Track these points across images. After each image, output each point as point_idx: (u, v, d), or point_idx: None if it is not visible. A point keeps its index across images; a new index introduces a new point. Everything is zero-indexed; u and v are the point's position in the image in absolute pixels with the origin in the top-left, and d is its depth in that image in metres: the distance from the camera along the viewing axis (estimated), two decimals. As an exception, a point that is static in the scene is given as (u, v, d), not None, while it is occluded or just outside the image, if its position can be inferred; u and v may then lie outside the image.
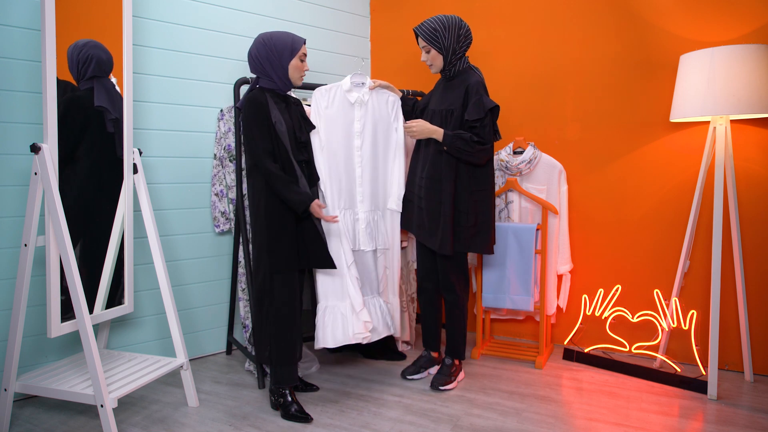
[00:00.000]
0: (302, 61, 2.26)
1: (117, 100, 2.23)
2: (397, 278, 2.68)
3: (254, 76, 2.27)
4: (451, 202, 2.34)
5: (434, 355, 2.64)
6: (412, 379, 2.57)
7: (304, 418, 2.14)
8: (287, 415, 2.16)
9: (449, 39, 2.31)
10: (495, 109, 2.30)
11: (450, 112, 2.35)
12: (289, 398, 2.19)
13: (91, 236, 2.20)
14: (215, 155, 2.84)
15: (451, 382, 2.46)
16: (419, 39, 2.40)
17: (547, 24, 3.01)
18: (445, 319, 2.57)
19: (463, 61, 2.39)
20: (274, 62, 2.19)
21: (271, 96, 2.21)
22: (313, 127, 2.42)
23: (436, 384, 2.44)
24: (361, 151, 2.58)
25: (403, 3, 3.52)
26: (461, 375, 2.56)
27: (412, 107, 2.67)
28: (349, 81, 2.57)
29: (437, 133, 2.33)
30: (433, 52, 2.36)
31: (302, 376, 2.57)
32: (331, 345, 2.39)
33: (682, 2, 2.63)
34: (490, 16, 3.18)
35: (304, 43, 2.26)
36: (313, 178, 2.39)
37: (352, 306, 2.40)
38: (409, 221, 2.57)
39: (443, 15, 2.34)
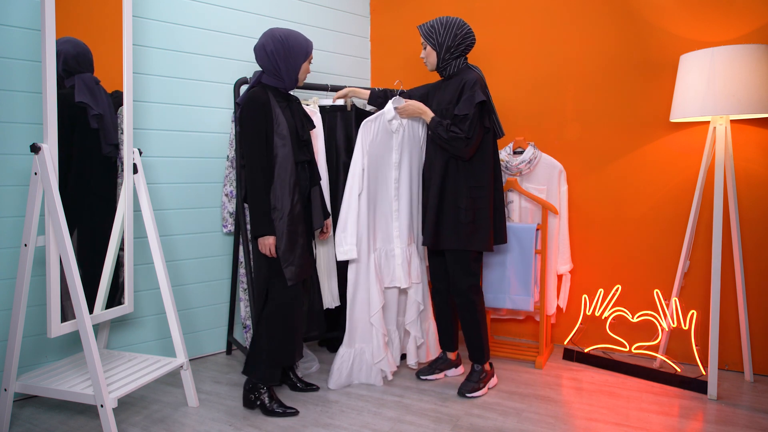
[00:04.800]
0: (309, 64, 2.27)
1: (100, 95, 2.17)
2: (430, 309, 2.68)
3: (257, 70, 2.23)
4: (437, 196, 2.33)
5: (451, 356, 2.63)
6: (426, 380, 2.56)
7: (292, 412, 2.17)
8: (272, 414, 2.18)
9: (444, 36, 2.31)
10: (483, 104, 2.26)
11: (446, 110, 2.34)
12: (268, 397, 2.20)
13: (84, 235, 2.19)
14: (228, 156, 2.84)
15: (479, 388, 2.38)
16: (421, 36, 2.40)
17: (546, 24, 3.01)
18: (460, 324, 2.50)
19: (460, 61, 2.37)
20: (289, 62, 2.17)
21: (273, 94, 2.18)
22: (314, 126, 2.37)
23: (463, 391, 2.37)
24: (398, 183, 2.49)
25: (403, 3, 3.52)
26: (493, 381, 2.48)
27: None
28: (392, 107, 2.42)
29: (426, 114, 2.34)
30: (428, 48, 2.37)
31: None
32: (346, 383, 2.48)
33: (682, 2, 2.63)
34: (490, 16, 3.18)
35: None
36: (315, 179, 2.36)
37: (372, 354, 2.46)
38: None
39: (449, 16, 2.35)
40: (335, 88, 2.79)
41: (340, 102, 2.76)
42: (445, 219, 2.34)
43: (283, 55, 2.16)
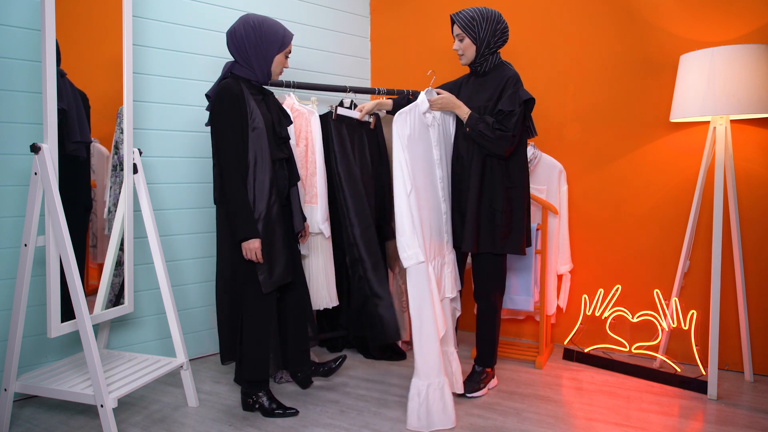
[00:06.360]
0: (286, 57, 2.17)
1: (63, 88, 2.00)
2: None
3: (228, 61, 2.16)
4: (476, 198, 2.22)
5: None
6: None
7: (292, 412, 2.16)
8: (272, 414, 2.17)
9: (485, 31, 2.21)
10: (530, 102, 2.21)
11: (485, 108, 2.24)
12: (267, 399, 2.18)
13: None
14: None
15: (480, 388, 2.38)
16: (454, 26, 2.27)
17: (546, 24, 3.01)
18: (475, 326, 2.45)
19: (495, 57, 2.29)
20: (260, 52, 2.07)
21: (246, 86, 2.08)
22: (291, 122, 2.27)
23: (464, 390, 2.35)
24: (443, 182, 2.28)
25: (403, 3, 3.52)
26: (493, 382, 2.47)
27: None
28: (426, 98, 2.24)
29: (461, 109, 2.23)
30: (467, 41, 2.25)
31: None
32: (439, 427, 2.07)
33: (682, 2, 2.63)
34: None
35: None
36: (293, 179, 2.24)
37: (451, 385, 2.12)
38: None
39: (484, 6, 2.26)
40: (354, 89, 2.80)
41: (367, 118, 2.72)
42: (481, 222, 2.26)
43: (254, 43, 2.05)
